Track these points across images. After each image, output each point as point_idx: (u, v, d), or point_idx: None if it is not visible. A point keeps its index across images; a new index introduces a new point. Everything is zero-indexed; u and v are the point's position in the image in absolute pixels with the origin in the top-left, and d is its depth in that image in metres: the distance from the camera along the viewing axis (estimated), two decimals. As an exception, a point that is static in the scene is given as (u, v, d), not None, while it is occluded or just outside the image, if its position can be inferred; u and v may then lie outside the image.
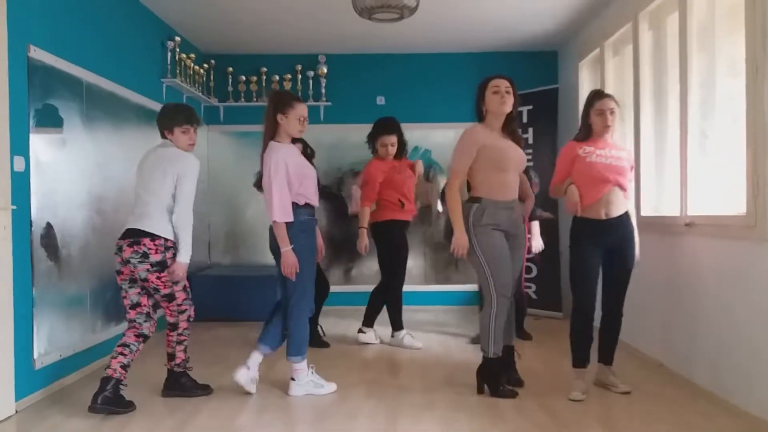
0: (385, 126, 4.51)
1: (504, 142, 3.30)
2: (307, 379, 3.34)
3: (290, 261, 3.23)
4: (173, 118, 3.22)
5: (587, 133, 3.36)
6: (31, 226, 3.27)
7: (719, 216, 3.22)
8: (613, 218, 3.27)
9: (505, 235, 3.28)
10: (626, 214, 3.32)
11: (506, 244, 3.27)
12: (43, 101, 3.40)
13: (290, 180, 3.26)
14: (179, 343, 3.30)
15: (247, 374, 3.30)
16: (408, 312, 4.67)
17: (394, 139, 4.46)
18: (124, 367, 3.05)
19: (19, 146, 3.18)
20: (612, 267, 3.34)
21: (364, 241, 4.43)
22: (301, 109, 3.33)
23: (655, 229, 3.92)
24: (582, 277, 3.32)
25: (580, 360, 3.35)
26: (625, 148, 3.52)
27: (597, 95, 3.40)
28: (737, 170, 3.09)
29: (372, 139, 4.55)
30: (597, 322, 3.41)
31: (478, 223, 3.21)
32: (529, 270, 5.74)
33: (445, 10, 5.04)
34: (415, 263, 6.06)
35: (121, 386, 3.04)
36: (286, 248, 3.23)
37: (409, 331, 4.53)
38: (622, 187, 3.28)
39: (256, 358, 3.35)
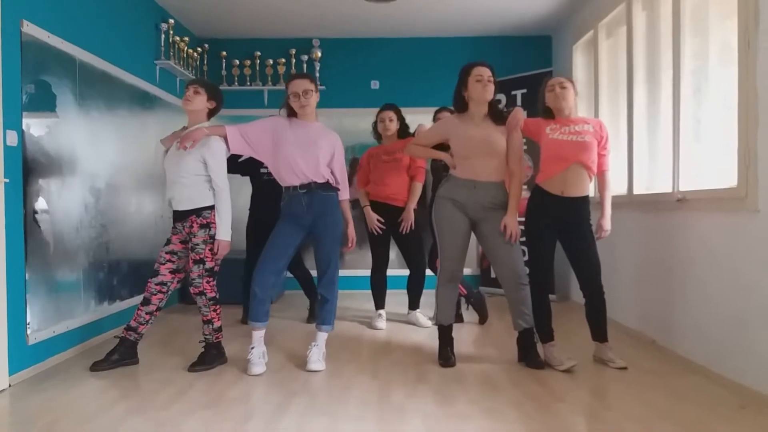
0: (382, 106, 4.60)
1: (475, 130, 3.35)
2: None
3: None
4: None
5: (548, 113, 3.43)
6: (24, 200, 3.26)
7: (710, 190, 3.24)
8: (569, 197, 3.32)
9: (472, 220, 3.39)
10: (585, 198, 3.35)
11: (462, 221, 3.37)
12: (35, 77, 3.38)
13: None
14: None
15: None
16: (403, 294, 4.71)
17: (391, 114, 4.51)
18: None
19: (12, 121, 3.17)
20: (573, 250, 3.38)
21: (372, 217, 4.47)
22: (292, 86, 3.41)
23: (647, 207, 3.95)
24: (536, 255, 3.42)
25: (545, 335, 3.42)
26: (591, 120, 3.46)
27: (547, 77, 3.50)
28: (728, 146, 3.12)
29: (374, 125, 4.63)
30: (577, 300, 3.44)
31: (438, 193, 3.46)
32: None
33: (439, -8, 5.05)
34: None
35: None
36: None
37: (381, 313, 4.59)
38: (584, 165, 3.31)
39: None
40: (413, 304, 4.62)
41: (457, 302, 4.12)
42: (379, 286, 4.62)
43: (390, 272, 4.67)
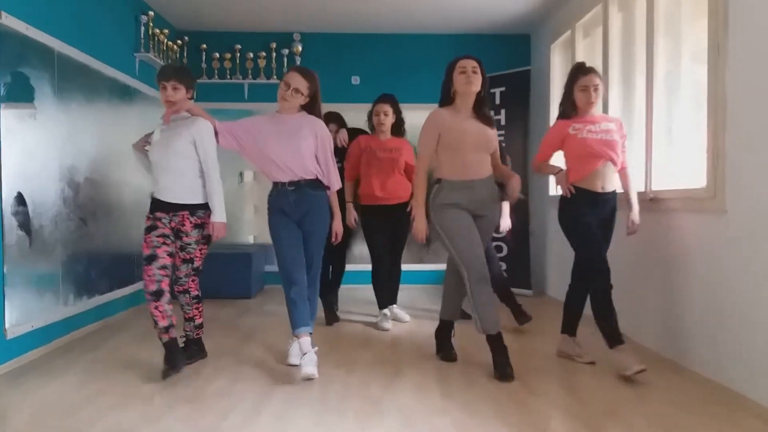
0: (379, 97, 4.49)
1: (468, 123, 3.25)
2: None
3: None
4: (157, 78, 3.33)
5: (572, 108, 3.34)
6: (1, 194, 3.24)
7: (681, 190, 3.35)
8: (608, 192, 3.32)
9: (473, 215, 3.25)
10: (615, 192, 3.36)
11: (469, 219, 3.22)
12: (14, 69, 3.36)
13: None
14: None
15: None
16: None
17: (386, 107, 4.40)
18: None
19: (-10, 114, 3.15)
20: (603, 242, 3.38)
21: (352, 214, 4.45)
22: (288, 76, 3.34)
23: (622, 206, 4.03)
24: (595, 253, 3.25)
25: (616, 337, 3.20)
26: (615, 119, 3.44)
27: (580, 70, 3.34)
28: (698, 148, 3.22)
29: (369, 115, 4.50)
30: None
31: (435, 202, 3.26)
32: (499, 249, 5.85)
33: (421, -11, 5.10)
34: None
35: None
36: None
37: (385, 312, 4.47)
38: (614, 162, 3.30)
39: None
40: (392, 299, 4.66)
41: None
42: (381, 284, 4.49)
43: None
